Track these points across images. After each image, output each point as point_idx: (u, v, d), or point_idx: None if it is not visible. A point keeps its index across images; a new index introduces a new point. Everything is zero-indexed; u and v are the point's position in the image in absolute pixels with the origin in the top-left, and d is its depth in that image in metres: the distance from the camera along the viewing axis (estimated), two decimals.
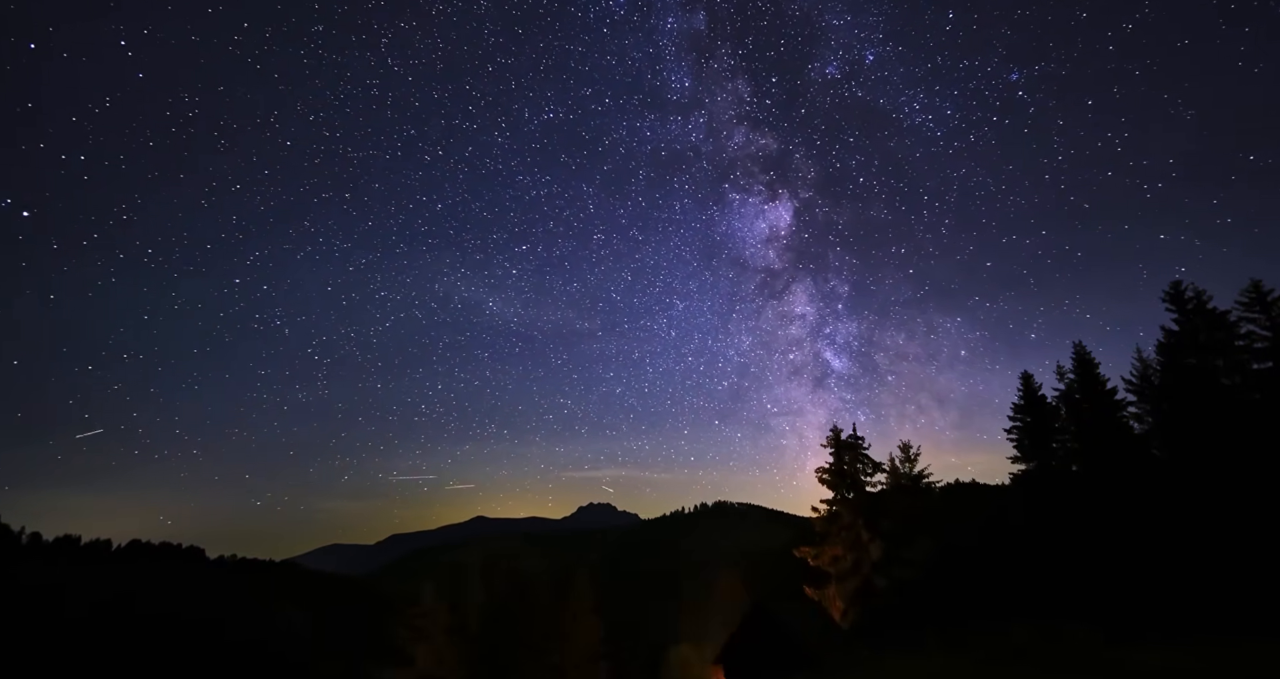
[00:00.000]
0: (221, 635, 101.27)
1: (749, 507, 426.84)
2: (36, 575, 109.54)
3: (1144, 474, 41.51)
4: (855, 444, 53.72)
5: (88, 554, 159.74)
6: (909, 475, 53.52)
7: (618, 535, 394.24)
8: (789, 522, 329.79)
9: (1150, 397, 45.48)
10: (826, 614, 51.79)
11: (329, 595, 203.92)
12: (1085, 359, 48.81)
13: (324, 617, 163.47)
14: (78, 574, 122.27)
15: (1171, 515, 38.05)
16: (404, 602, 75.39)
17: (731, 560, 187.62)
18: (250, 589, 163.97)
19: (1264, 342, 40.57)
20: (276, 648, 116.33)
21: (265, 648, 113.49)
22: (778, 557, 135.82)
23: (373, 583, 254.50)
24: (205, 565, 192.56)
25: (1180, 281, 44.49)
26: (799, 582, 53.52)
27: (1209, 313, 42.79)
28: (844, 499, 52.36)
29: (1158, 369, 45.47)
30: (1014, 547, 44.89)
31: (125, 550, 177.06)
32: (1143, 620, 34.54)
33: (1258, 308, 41.22)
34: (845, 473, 52.95)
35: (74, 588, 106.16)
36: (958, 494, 66.68)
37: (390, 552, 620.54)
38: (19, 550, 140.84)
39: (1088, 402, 47.32)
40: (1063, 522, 42.85)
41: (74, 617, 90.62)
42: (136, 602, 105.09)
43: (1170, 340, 44.34)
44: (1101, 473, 43.67)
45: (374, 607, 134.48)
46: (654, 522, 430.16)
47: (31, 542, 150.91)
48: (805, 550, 52.63)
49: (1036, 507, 45.80)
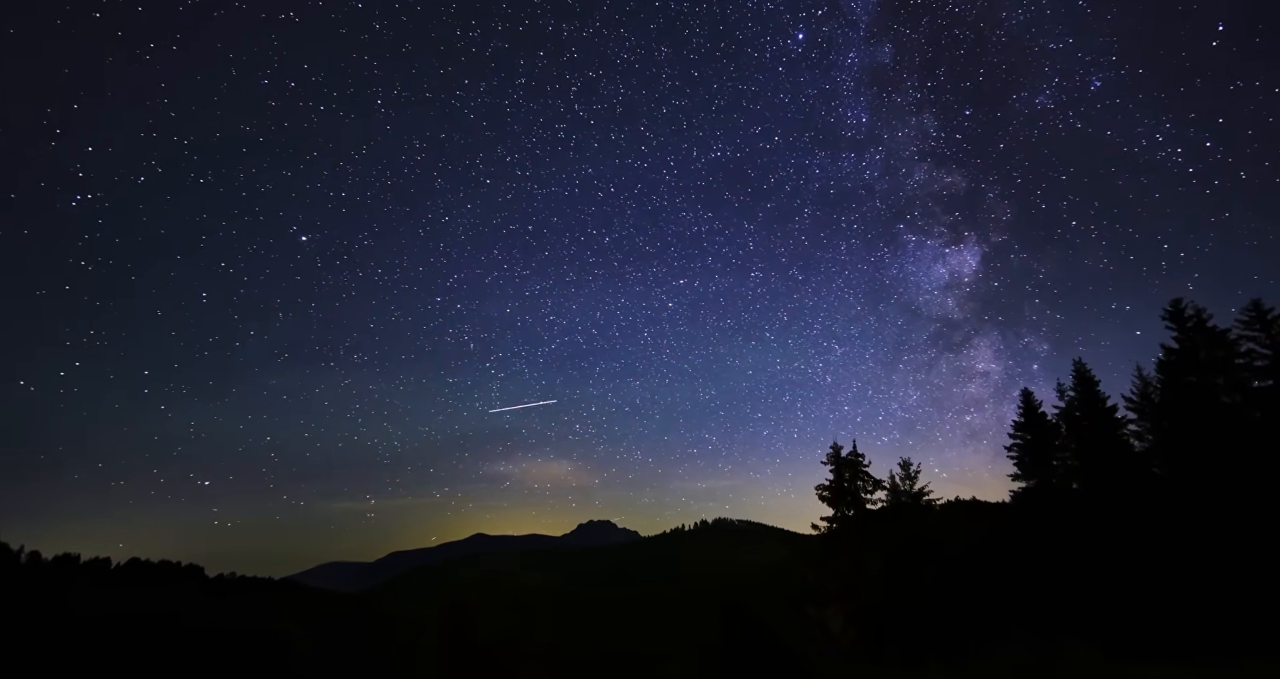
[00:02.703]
0: (220, 653, 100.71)
1: (749, 524, 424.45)
2: (36, 594, 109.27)
3: (1144, 492, 41.46)
4: (856, 461, 53.61)
5: (87, 573, 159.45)
6: (909, 493, 53.36)
7: (618, 552, 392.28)
8: (789, 539, 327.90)
9: (1150, 414, 45.51)
10: (827, 632, 51.53)
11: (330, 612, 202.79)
12: (1085, 377, 48.87)
13: (324, 634, 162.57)
14: (79, 593, 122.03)
15: (1172, 534, 37.95)
16: (404, 619, 75.23)
17: (732, 578, 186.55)
18: (250, 607, 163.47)
19: (1264, 360, 40.64)
20: (276, 666, 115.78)
21: (265, 666, 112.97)
22: (778, 574, 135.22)
23: (373, 600, 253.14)
24: (204, 583, 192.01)
25: (1180, 299, 44.67)
26: (799, 599, 53.34)
27: (1209, 331, 42.89)
28: (844, 516, 52.23)
29: (1158, 387, 45.51)
30: (1014, 564, 44.71)
31: (124, 568, 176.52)
32: (1144, 638, 34.38)
33: (1258, 326, 41.33)
34: (845, 490, 52.80)
35: (74, 607, 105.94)
36: (958, 511, 66.35)
37: (390, 569, 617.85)
38: (18, 569, 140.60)
39: (1088, 419, 47.36)
40: (1063, 539, 42.73)
41: (73, 636, 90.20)
42: (135, 620, 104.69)
43: (1170, 358, 44.40)
44: (1102, 491, 43.64)
45: (375, 624, 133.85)
46: (654, 538, 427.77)
47: (30, 560, 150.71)
48: (805, 568, 52.44)
49: (1037, 524, 45.70)
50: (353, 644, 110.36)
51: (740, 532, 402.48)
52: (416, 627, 70.77)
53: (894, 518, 51.71)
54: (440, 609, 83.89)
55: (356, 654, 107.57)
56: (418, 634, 69.02)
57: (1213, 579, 35.14)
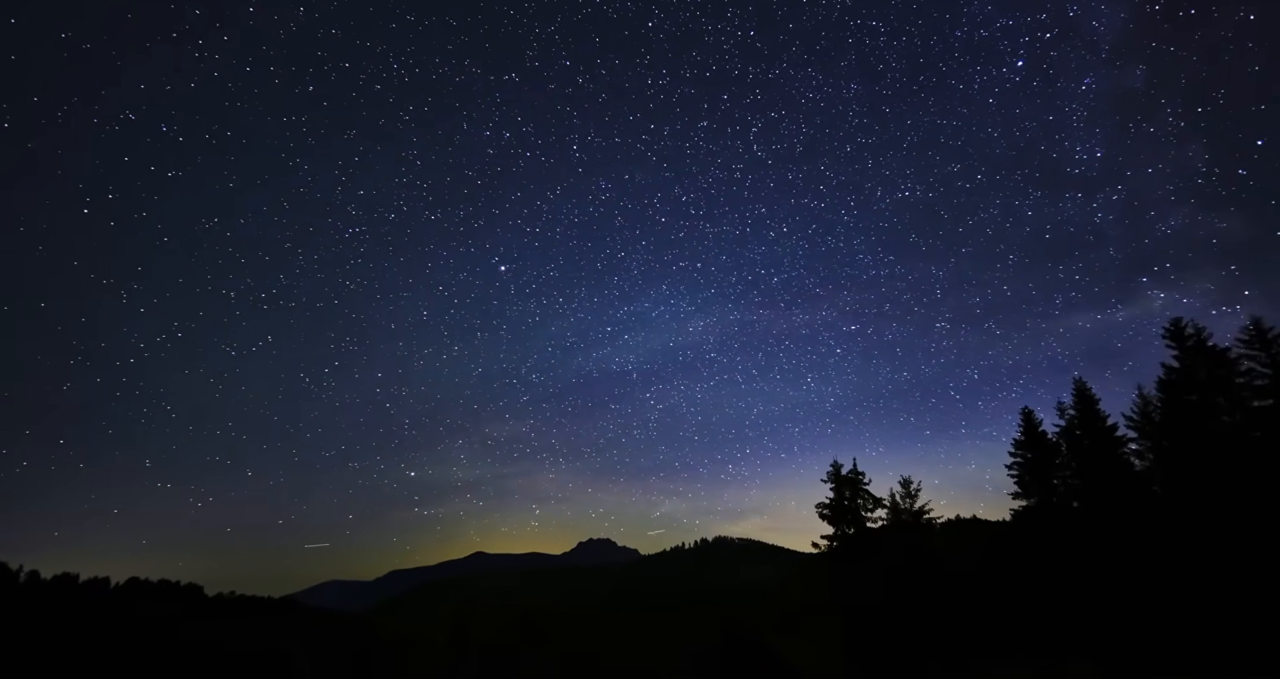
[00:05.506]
0: (219, 673, 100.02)
1: (749, 542, 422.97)
2: (36, 615, 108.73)
3: (1145, 511, 41.36)
4: (856, 480, 53.60)
5: (86, 593, 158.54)
6: (910, 511, 53.28)
7: (618, 571, 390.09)
8: (791, 557, 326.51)
9: (1151, 433, 45.44)
10: (827, 650, 51.29)
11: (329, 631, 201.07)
12: (1086, 395, 48.84)
13: (323, 654, 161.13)
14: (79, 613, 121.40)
15: (1173, 553, 37.83)
16: (405, 638, 74.83)
17: (732, 596, 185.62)
18: (249, 626, 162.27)
19: (1264, 379, 40.64)
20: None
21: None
22: (778, 592, 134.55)
23: (373, 619, 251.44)
24: (203, 602, 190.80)
25: (1180, 319, 44.73)
26: (799, 617, 53.15)
27: (1209, 350, 42.91)
28: (845, 534, 52.14)
29: (1158, 406, 45.46)
30: (1015, 583, 44.57)
31: (123, 588, 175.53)
32: (1144, 658, 34.24)
33: (1258, 345, 41.33)
34: (846, 508, 52.77)
35: (74, 628, 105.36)
36: (958, 530, 66.19)
37: (390, 587, 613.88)
38: (16, 589, 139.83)
39: (1088, 438, 47.30)
40: (1064, 558, 42.60)
41: (74, 657, 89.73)
42: (135, 640, 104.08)
43: (1171, 377, 44.40)
44: (1102, 509, 43.52)
45: (374, 644, 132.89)
46: (653, 557, 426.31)
47: (29, 580, 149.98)
48: (805, 586, 52.29)
49: (1038, 543, 45.56)
50: (352, 664, 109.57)
51: (740, 549, 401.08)
52: (416, 646, 70.25)
53: (894, 536, 51.66)
54: (440, 628, 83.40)
55: (356, 674, 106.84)
56: (418, 654, 68.55)
57: (1213, 598, 35.02)
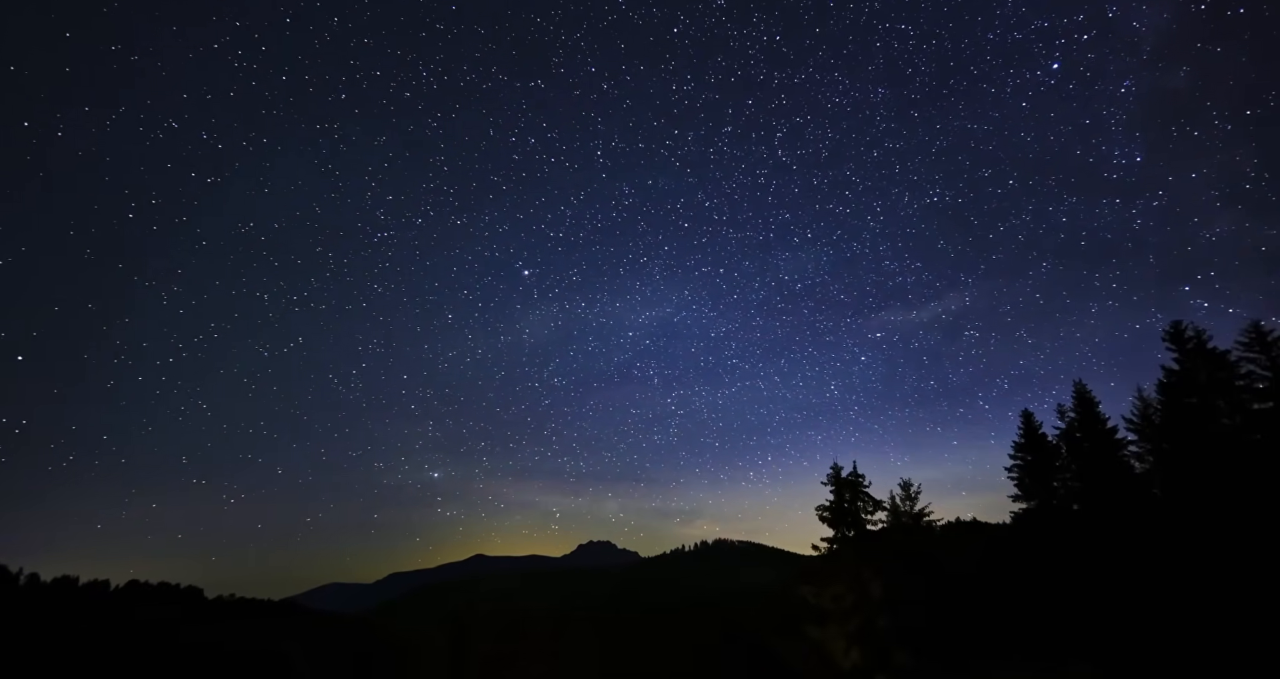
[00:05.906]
0: (219, 674, 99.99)
1: (749, 544, 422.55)
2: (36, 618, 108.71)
3: (1145, 513, 41.37)
4: (856, 482, 53.54)
5: (86, 595, 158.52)
6: (910, 513, 53.22)
7: (618, 573, 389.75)
8: (790, 560, 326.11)
9: (1151, 436, 45.46)
10: (827, 654, 51.21)
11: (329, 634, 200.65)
12: (1086, 398, 48.86)
13: (323, 656, 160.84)
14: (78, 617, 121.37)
15: (1173, 556, 37.83)
16: (404, 641, 74.76)
17: (732, 599, 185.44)
18: (248, 628, 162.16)
19: (1264, 382, 40.68)
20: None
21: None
22: (778, 595, 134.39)
23: (373, 621, 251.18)
24: (202, 605, 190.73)
25: (1180, 321, 44.77)
26: (799, 620, 53.03)
27: (1209, 353, 42.95)
28: (845, 537, 52.07)
29: (1158, 408, 45.48)
30: (1016, 586, 44.55)
31: (123, 591, 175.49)
32: (1144, 661, 34.20)
33: (1258, 348, 41.39)
34: (846, 511, 52.69)
35: (74, 631, 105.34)
36: (959, 532, 66.13)
37: (390, 590, 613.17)
38: (16, 592, 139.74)
39: (1088, 440, 47.32)
40: (1064, 561, 42.59)
41: (74, 660, 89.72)
42: (135, 642, 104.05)
43: (1171, 380, 44.44)
44: (1103, 512, 43.54)
45: (374, 646, 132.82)
46: (654, 559, 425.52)
47: (29, 583, 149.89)
48: (806, 589, 52.19)
49: (1038, 545, 45.55)
50: (352, 666, 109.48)
51: (740, 552, 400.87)
52: (416, 648, 70.21)
53: (894, 539, 51.60)
54: (440, 631, 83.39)
55: (356, 676, 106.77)
56: (417, 656, 68.48)
57: (1213, 601, 35.00)
